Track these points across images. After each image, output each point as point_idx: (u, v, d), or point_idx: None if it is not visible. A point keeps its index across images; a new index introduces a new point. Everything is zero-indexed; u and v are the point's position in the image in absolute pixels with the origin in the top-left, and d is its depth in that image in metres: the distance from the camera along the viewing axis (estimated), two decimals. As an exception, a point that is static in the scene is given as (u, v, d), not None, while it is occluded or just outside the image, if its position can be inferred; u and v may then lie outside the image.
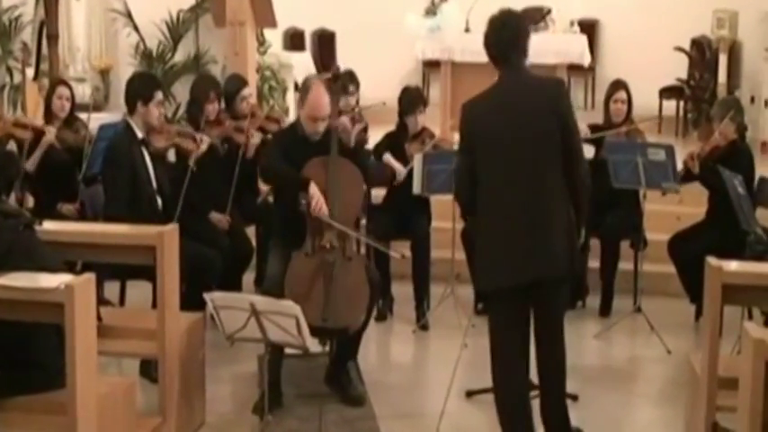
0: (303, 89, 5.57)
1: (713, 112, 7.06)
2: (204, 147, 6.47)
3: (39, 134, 6.82)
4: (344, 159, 5.52)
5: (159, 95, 6.08)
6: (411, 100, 7.00)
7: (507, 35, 4.56)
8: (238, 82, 7.33)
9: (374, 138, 7.34)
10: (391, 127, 7.20)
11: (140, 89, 6.07)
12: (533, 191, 4.47)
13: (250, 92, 7.23)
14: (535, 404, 4.77)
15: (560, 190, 4.52)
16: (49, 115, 6.98)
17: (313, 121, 5.48)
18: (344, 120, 5.68)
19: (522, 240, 4.46)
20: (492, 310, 4.79)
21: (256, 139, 6.91)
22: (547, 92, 4.57)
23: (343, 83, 6.98)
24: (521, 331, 4.65)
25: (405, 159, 6.95)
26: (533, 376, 4.81)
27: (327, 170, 5.44)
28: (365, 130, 7.45)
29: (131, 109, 6.06)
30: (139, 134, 6.05)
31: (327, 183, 5.41)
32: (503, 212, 4.52)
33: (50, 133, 6.77)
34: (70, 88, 7.12)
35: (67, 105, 6.98)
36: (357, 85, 7.50)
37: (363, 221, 7.02)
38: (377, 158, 6.98)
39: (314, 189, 5.35)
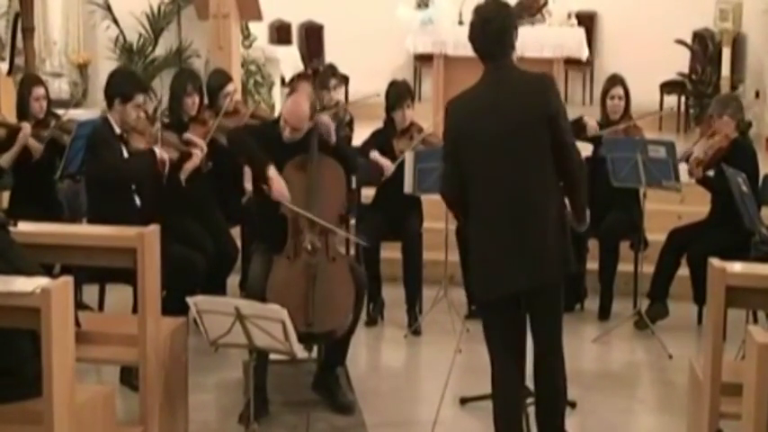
0: (290, 88, 5.51)
1: (711, 111, 7.00)
2: (197, 161, 6.40)
3: (14, 131, 6.66)
4: (325, 157, 5.48)
5: (139, 98, 5.98)
6: (398, 94, 6.89)
7: (493, 30, 4.41)
8: (222, 77, 7.21)
9: (361, 133, 7.25)
10: (380, 122, 7.10)
11: (121, 87, 5.97)
12: (519, 193, 4.38)
13: (234, 88, 7.08)
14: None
15: (550, 190, 4.43)
16: (22, 115, 6.81)
17: (284, 123, 5.44)
18: (326, 118, 5.56)
19: (510, 247, 4.38)
20: (483, 318, 4.69)
21: None
22: (533, 89, 4.45)
23: (321, 79, 7.01)
24: (513, 339, 4.55)
25: (393, 156, 6.85)
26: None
27: (307, 169, 5.39)
28: (350, 124, 7.39)
29: (109, 104, 5.97)
30: (117, 130, 5.96)
31: (308, 182, 5.36)
32: (489, 217, 4.44)
33: (26, 129, 6.62)
34: (45, 86, 6.99)
35: (45, 104, 6.86)
36: (339, 79, 7.48)
37: (353, 222, 6.96)
38: (363, 157, 6.85)
39: (272, 172, 5.31)
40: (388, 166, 6.76)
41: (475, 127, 4.41)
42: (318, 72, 5.88)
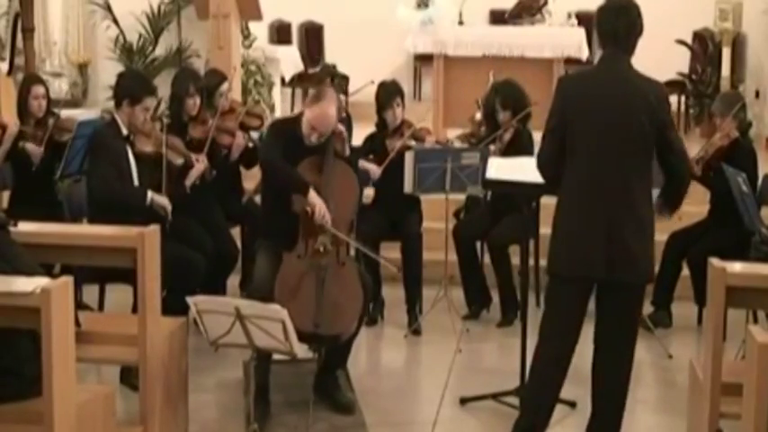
0: (317, 94, 5.50)
1: (714, 108, 6.97)
2: (201, 168, 6.37)
3: (3, 128, 6.65)
4: (340, 161, 5.47)
5: (148, 102, 6.00)
6: (387, 93, 6.89)
7: (627, 19, 4.53)
8: (217, 77, 7.21)
9: (359, 133, 7.19)
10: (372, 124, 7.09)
11: (131, 89, 6.00)
12: (618, 183, 4.42)
13: (229, 86, 7.07)
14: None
15: (645, 189, 4.48)
16: (22, 115, 6.78)
17: (311, 130, 5.40)
18: (341, 128, 5.54)
19: (602, 232, 4.41)
20: (549, 294, 4.71)
21: (241, 140, 6.81)
22: (650, 93, 4.49)
23: (339, 83, 6.94)
24: (570, 325, 4.59)
25: (386, 156, 6.80)
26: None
27: (323, 171, 5.38)
28: (349, 122, 7.33)
29: (117, 104, 5.99)
30: (124, 130, 5.96)
31: (322, 185, 5.35)
32: (584, 196, 4.46)
33: (13, 127, 6.58)
34: (45, 85, 6.96)
35: (44, 104, 6.82)
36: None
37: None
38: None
39: (313, 195, 5.29)
40: (375, 170, 6.73)
41: (586, 106, 4.45)
42: (336, 76, 5.85)
